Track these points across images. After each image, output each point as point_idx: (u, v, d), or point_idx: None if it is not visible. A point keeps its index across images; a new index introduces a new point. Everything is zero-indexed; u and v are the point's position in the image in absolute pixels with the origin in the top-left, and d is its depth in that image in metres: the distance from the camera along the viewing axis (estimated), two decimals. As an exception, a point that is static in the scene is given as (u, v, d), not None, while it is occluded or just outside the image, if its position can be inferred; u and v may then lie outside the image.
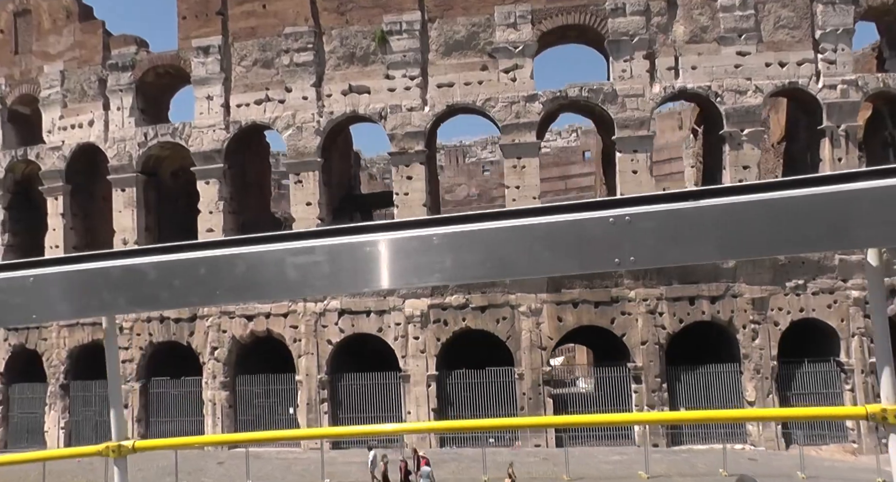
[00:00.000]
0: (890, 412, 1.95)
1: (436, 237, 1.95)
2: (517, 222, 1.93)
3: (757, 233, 1.79)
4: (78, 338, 35.29)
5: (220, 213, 33.39)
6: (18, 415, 37.41)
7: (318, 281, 2.05)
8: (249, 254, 2.08)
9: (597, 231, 1.86)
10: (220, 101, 33.37)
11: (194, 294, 2.18)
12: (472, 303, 30.71)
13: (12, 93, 38.67)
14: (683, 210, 1.83)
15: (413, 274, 1.99)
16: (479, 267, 1.94)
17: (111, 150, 35.12)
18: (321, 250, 2.03)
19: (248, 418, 32.71)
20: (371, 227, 2.05)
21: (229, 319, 32.65)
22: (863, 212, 1.73)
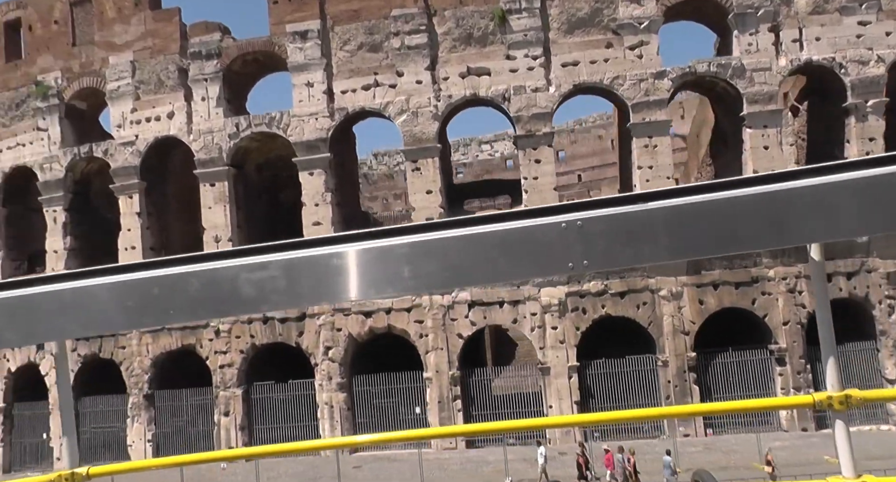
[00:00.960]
0: (835, 399, 2.06)
1: (393, 248, 1.93)
2: (473, 230, 1.92)
3: (704, 232, 1.82)
4: (163, 344, 32.61)
5: (328, 204, 31.32)
6: (91, 430, 34.29)
7: (274, 296, 2.00)
8: (202, 272, 2.03)
9: (550, 236, 1.88)
10: (321, 87, 31.38)
11: (148, 314, 2.10)
12: (611, 288, 29.38)
13: (70, 87, 35.81)
14: (632, 213, 1.84)
15: (371, 285, 1.96)
16: (437, 276, 1.93)
17: (197, 143, 32.66)
18: (276, 265, 1.99)
19: (368, 420, 30.56)
20: (326, 240, 2.02)
21: (344, 317, 30.48)
22: (802, 209, 1.76)
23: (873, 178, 1.75)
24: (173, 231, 36.52)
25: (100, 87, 35.14)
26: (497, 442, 29.77)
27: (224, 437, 31.27)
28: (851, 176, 1.78)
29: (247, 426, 31.48)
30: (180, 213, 37.02)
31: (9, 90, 37.66)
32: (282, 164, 35.67)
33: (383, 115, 31.10)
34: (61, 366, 2.61)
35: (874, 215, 1.78)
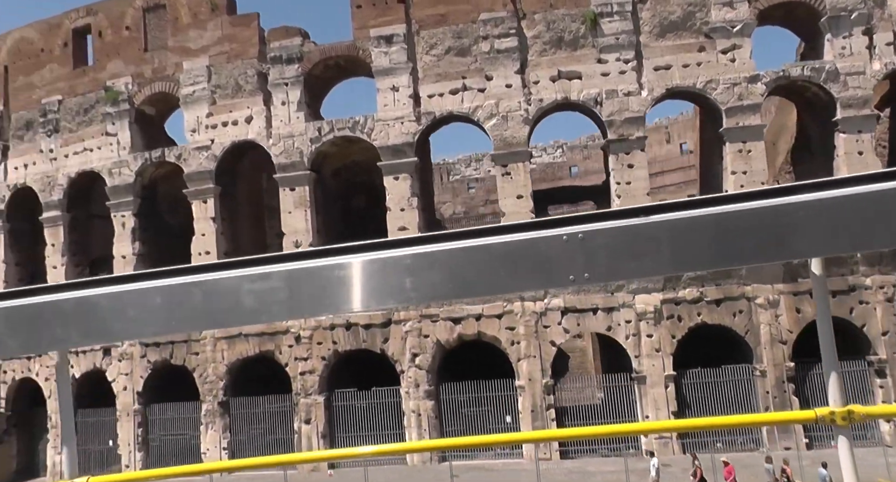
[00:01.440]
0: (838, 414, 2.03)
1: (396, 259, 1.92)
2: (476, 242, 1.91)
3: (705, 246, 1.82)
4: (240, 350, 31.88)
5: (414, 209, 30.79)
6: (160, 437, 33.40)
7: (275, 307, 1.99)
8: (205, 282, 2.02)
9: (552, 249, 1.86)
10: (407, 91, 30.97)
11: (150, 324, 2.09)
12: (707, 296, 28.73)
13: (141, 92, 35.38)
14: (634, 226, 1.84)
15: (374, 297, 1.94)
16: (439, 287, 1.92)
17: (276, 147, 32.17)
18: (278, 276, 1.98)
19: (456, 429, 29.68)
20: (329, 251, 2.00)
21: (432, 323, 29.76)
22: (804, 223, 1.75)
23: (872, 193, 1.73)
24: (243, 236, 35.94)
25: (172, 92, 34.73)
26: (590, 452, 29.03)
27: (306, 445, 30.42)
28: (852, 191, 1.75)
29: (328, 434, 30.59)
30: (249, 218, 36.46)
31: (76, 96, 37.29)
32: (357, 170, 35.26)
33: (472, 120, 30.67)
34: (62, 376, 2.53)
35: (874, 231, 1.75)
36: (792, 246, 1.82)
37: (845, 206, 1.76)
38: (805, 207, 1.77)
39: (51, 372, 36.23)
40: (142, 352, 33.67)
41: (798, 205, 1.78)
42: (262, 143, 32.62)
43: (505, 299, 29.08)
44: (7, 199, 39.36)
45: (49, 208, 37.47)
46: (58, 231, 37.30)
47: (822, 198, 1.77)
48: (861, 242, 1.84)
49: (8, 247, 39.55)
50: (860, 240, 1.82)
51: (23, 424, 38.76)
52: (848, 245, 1.84)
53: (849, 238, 1.79)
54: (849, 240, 1.80)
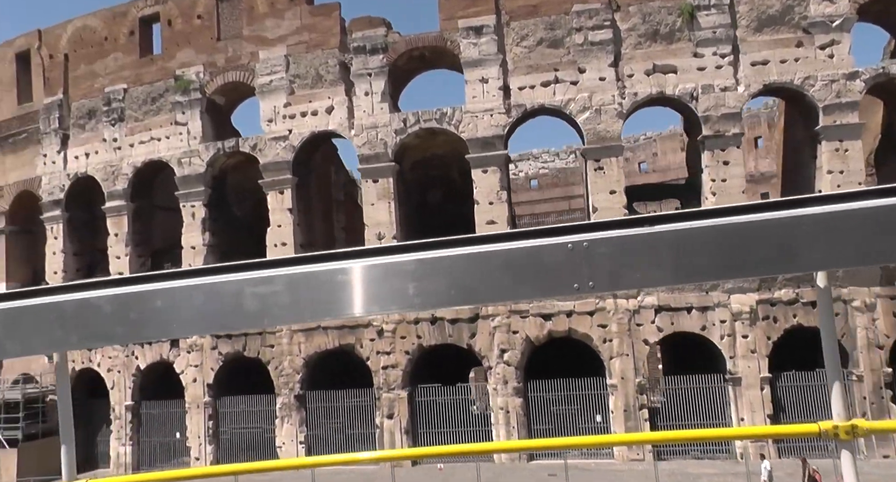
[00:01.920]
0: (841, 428, 2.02)
1: (399, 265, 1.92)
2: (479, 249, 1.91)
3: (709, 257, 1.81)
4: (318, 343, 31.25)
5: (503, 203, 30.28)
6: (231, 430, 32.68)
7: (278, 310, 1.98)
8: (207, 285, 2.01)
9: (556, 257, 1.85)
10: (497, 83, 30.43)
11: (150, 327, 2.09)
12: (803, 297, 28.09)
13: (213, 81, 34.72)
14: (639, 236, 1.83)
15: (376, 302, 1.94)
16: (442, 294, 1.91)
17: (359, 138, 31.58)
18: (280, 280, 1.97)
19: (545, 427, 29.08)
20: (331, 256, 1.99)
21: (521, 319, 29.18)
22: (809, 236, 1.75)
23: (879, 208, 1.72)
24: (314, 229, 35.33)
25: (247, 82, 34.13)
26: (683, 454, 28.48)
27: (388, 441, 29.77)
28: (859, 205, 1.74)
29: (411, 430, 29.95)
30: (320, 210, 35.87)
31: (142, 84, 36.68)
32: (435, 164, 34.68)
33: (563, 113, 30.08)
34: (62, 377, 2.52)
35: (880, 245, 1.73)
36: (798, 259, 1.80)
37: (852, 220, 1.74)
38: (811, 221, 1.76)
39: (113, 363, 35.59)
40: (212, 343, 33.02)
41: (804, 218, 1.76)
42: (343, 134, 32.04)
43: (597, 296, 28.51)
44: (67, 188, 38.67)
45: (113, 198, 36.82)
46: (121, 221, 36.65)
47: (829, 211, 1.76)
48: (867, 257, 1.80)
49: (66, 236, 38.86)
50: (866, 254, 1.79)
51: (80, 416, 38.01)
52: (854, 259, 1.82)
53: (855, 252, 1.77)
54: (855, 254, 1.78)
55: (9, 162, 41.82)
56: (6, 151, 41.97)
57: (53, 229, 38.87)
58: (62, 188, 38.65)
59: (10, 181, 41.55)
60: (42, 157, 39.65)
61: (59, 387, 2.62)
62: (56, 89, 39.72)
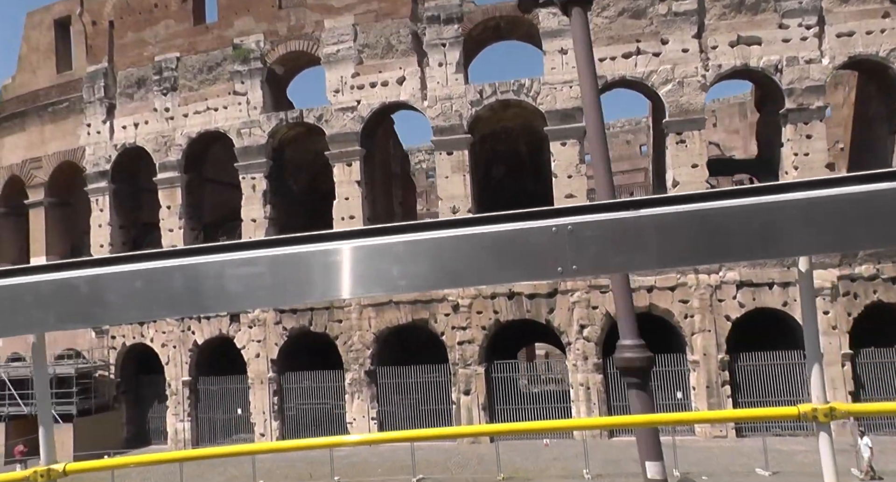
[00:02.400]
0: (820, 411, 2.10)
1: (383, 247, 1.93)
2: (464, 231, 1.90)
3: (693, 242, 1.83)
4: (389, 318, 30.92)
5: (582, 176, 29.90)
6: (298, 406, 32.47)
7: (260, 292, 1.97)
8: (187, 266, 1.99)
9: (540, 240, 1.87)
10: (575, 54, 29.79)
11: (130, 308, 2.05)
12: (884, 273, 28.12)
13: (274, 50, 33.92)
14: (623, 219, 1.84)
15: (360, 284, 1.94)
16: (426, 277, 1.92)
17: (433, 110, 31.07)
18: (264, 261, 1.96)
19: (624, 405, 28.77)
20: (315, 237, 1.98)
21: (601, 294, 28.94)
22: (791, 221, 1.77)
23: (859, 194, 1.75)
24: (377, 202, 34.85)
25: (311, 52, 33.41)
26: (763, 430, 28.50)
27: (465, 417, 29.57)
28: (839, 191, 1.76)
29: (488, 406, 29.79)
30: (381, 184, 35.37)
31: (197, 53, 35.81)
32: (502, 138, 34.23)
33: (645, 84, 29.74)
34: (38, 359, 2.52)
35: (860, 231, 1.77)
36: (779, 244, 1.81)
37: (833, 206, 1.76)
38: (793, 206, 1.77)
39: (168, 338, 35.04)
40: (276, 318, 32.57)
41: (786, 203, 1.78)
42: (416, 106, 31.48)
43: (678, 271, 28.39)
44: (113, 159, 37.80)
45: (165, 169, 36.05)
46: (174, 193, 35.93)
47: (811, 197, 1.77)
48: (847, 242, 1.85)
49: (113, 209, 38.05)
50: (846, 240, 1.83)
51: (132, 391, 37.52)
52: (834, 245, 1.85)
53: (835, 238, 1.80)
54: (835, 239, 1.81)
55: (48, 132, 40.78)
56: (45, 121, 40.92)
57: (98, 201, 38.04)
58: (108, 159, 37.77)
59: (50, 152, 40.55)
60: (86, 127, 38.68)
61: (36, 368, 2.55)
62: (100, 57, 38.68)
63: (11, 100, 43.05)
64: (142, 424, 36.96)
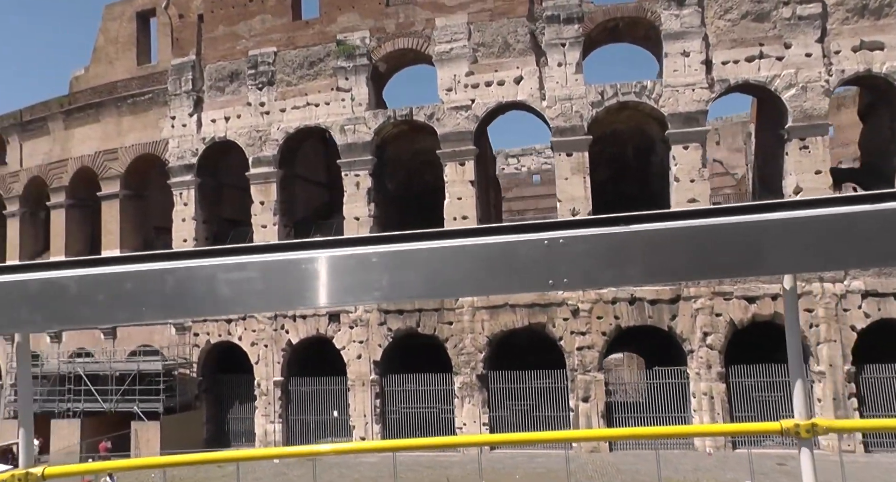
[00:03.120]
0: (802, 427, 2.10)
1: (374, 256, 1.94)
2: (454, 243, 1.93)
3: (681, 258, 1.86)
4: (504, 321, 30.80)
5: (704, 181, 29.99)
6: (401, 409, 32.11)
7: (251, 298, 1.99)
8: (179, 270, 2.01)
9: (532, 253, 1.89)
10: (698, 57, 30.19)
11: (119, 310, 2.06)
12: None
13: (381, 47, 33.91)
14: (614, 234, 1.87)
15: (350, 292, 1.97)
16: (417, 286, 1.94)
17: (552, 110, 31.14)
18: (254, 267, 1.98)
19: (746, 414, 28.85)
20: (307, 244, 2.00)
21: (725, 301, 28.99)
22: (776, 240, 1.80)
23: (845, 215, 1.78)
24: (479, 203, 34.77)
25: (421, 49, 33.41)
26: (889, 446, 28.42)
27: (584, 424, 29.36)
28: (825, 212, 1.79)
29: (606, 414, 29.65)
30: (483, 185, 35.35)
31: (296, 48, 35.70)
32: (611, 140, 34.32)
33: (768, 89, 29.97)
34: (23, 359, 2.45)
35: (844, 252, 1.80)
36: (765, 262, 1.85)
37: (818, 226, 1.80)
38: (778, 225, 1.81)
39: (258, 337, 34.63)
40: (380, 318, 32.28)
41: (773, 222, 1.82)
42: (534, 106, 31.48)
43: (803, 279, 28.49)
44: (200, 152, 37.50)
45: (260, 164, 35.81)
46: (269, 188, 35.65)
47: (797, 217, 1.81)
48: (832, 262, 1.89)
49: (198, 203, 37.71)
50: (831, 259, 1.87)
51: (211, 390, 37.00)
52: (820, 264, 1.90)
53: (820, 257, 1.84)
54: (820, 259, 1.85)
55: (126, 123, 40.44)
56: (123, 113, 40.59)
57: (182, 195, 37.69)
58: (195, 152, 37.47)
59: (128, 144, 40.17)
60: (170, 119, 38.40)
61: (20, 368, 2.54)
62: (187, 50, 38.47)
63: (84, 91, 42.68)
64: (221, 425, 36.41)
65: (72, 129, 42.61)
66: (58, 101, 44.05)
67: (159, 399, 33.80)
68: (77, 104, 42.29)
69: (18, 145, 45.24)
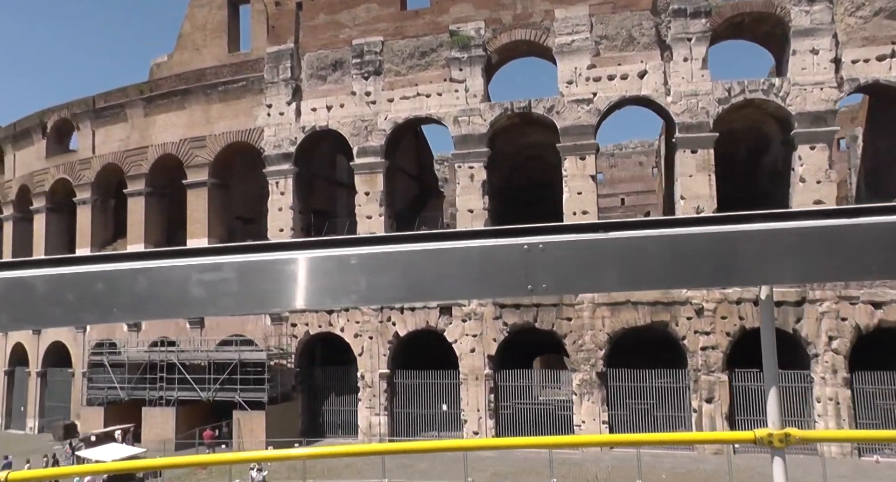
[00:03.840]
0: (775, 436, 2.17)
1: (353, 258, 1.96)
2: (433, 246, 1.95)
3: (657, 266, 1.90)
4: (625, 318, 31.07)
5: (831, 183, 30.28)
6: (515, 405, 32.36)
7: (225, 299, 1.99)
8: (152, 270, 2.00)
9: (511, 257, 1.92)
10: (828, 55, 30.48)
11: (89, 311, 2.04)
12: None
13: (496, 39, 34.12)
14: (593, 241, 1.91)
15: (327, 294, 1.98)
16: (394, 289, 1.97)
17: (678, 106, 31.40)
18: (230, 267, 1.98)
19: (871, 421, 29.09)
20: (283, 245, 2.01)
21: (850, 306, 29.26)
22: (751, 252, 1.85)
23: (819, 228, 1.83)
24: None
25: (540, 41, 33.61)
26: None
27: (707, 425, 29.61)
28: (800, 225, 1.84)
29: (729, 415, 29.89)
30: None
31: (405, 38, 35.87)
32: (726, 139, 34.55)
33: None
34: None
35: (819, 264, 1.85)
36: (741, 272, 1.90)
37: (793, 239, 1.84)
38: (755, 237, 1.85)
39: (363, 328, 34.79)
40: (495, 313, 32.49)
41: (749, 233, 1.86)
42: (658, 101, 31.74)
43: None
44: (300, 141, 37.59)
45: (365, 154, 35.97)
46: (374, 179, 35.83)
47: (773, 228, 1.85)
48: (808, 275, 1.92)
49: (295, 193, 37.82)
50: (807, 272, 1.90)
51: (305, 381, 37.15)
52: (796, 276, 1.94)
53: (796, 269, 1.88)
54: (796, 271, 1.89)
55: (215, 111, 40.54)
56: (213, 100, 40.68)
57: (280, 184, 37.84)
58: (293, 141, 37.59)
59: (217, 131, 40.21)
60: (265, 107, 38.53)
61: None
62: (284, 38, 38.58)
63: (168, 78, 42.73)
64: (315, 416, 36.55)
65: (153, 116, 42.69)
66: (137, 88, 44.09)
67: (263, 388, 33.99)
68: (160, 91, 42.31)
69: (91, 132, 45.22)
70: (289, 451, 2.80)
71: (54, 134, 47.54)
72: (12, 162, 50.89)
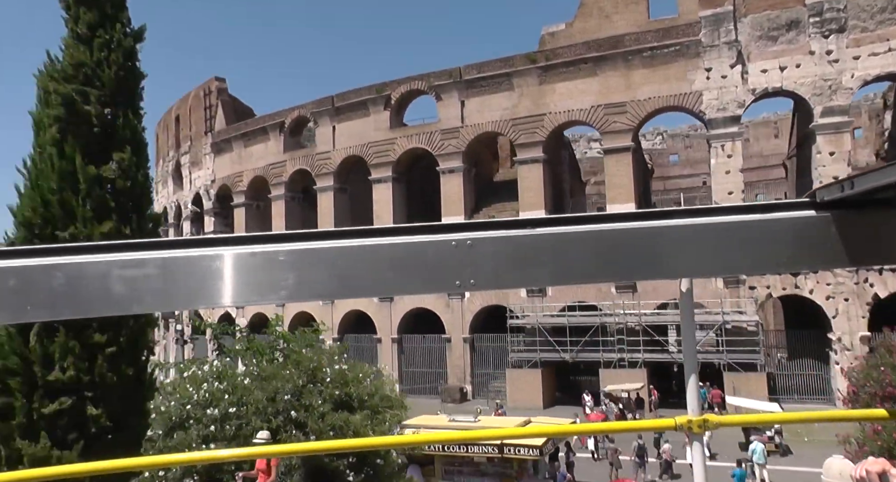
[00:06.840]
0: (694, 422, 2.39)
1: (281, 254, 2.02)
2: (362, 242, 2.04)
3: (585, 261, 2.03)
4: None
5: None
6: None
7: (148, 296, 2.00)
8: (69, 265, 1.99)
9: (440, 254, 2.01)
10: None
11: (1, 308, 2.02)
12: None
13: None
14: (521, 237, 2.03)
15: (255, 291, 2.03)
16: (323, 285, 2.04)
17: None
18: (153, 263, 1.99)
19: None
20: (210, 241, 2.05)
21: None
22: (673, 246, 2.00)
23: (737, 223, 1.99)
24: None
25: None
26: None
27: None
28: (720, 220, 1.99)
29: None
30: None
31: (883, -8, 37.76)
32: None
33: None
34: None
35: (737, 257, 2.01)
36: (665, 266, 2.03)
37: (713, 233, 1.98)
38: (677, 231, 1.99)
39: (835, 290, 37.34)
40: None
41: (671, 228, 1.99)
42: None
43: None
44: (748, 104, 40.45)
45: (831, 114, 38.41)
46: (840, 139, 38.25)
47: (694, 224, 1.99)
48: (725, 267, 2.05)
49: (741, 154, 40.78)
50: (724, 265, 2.05)
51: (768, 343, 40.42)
52: (714, 269, 2.07)
53: (716, 262, 2.01)
54: (715, 263, 2.02)
55: (637, 76, 44.16)
56: (633, 66, 44.36)
57: (725, 147, 41.08)
58: (741, 103, 40.69)
59: (641, 97, 43.88)
60: (703, 71, 41.69)
61: None
62: (721, 1, 41.46)
63: (568, 46, 46.74)
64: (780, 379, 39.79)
65: (552, 84, 46.89)
66: (528, 57, 48.44)
67: (757, 350, 37.68)
68: (563, 59, 46.42)
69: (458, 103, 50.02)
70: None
71: (396, 107, 53.78)
72: (331, 134, 57.39)
